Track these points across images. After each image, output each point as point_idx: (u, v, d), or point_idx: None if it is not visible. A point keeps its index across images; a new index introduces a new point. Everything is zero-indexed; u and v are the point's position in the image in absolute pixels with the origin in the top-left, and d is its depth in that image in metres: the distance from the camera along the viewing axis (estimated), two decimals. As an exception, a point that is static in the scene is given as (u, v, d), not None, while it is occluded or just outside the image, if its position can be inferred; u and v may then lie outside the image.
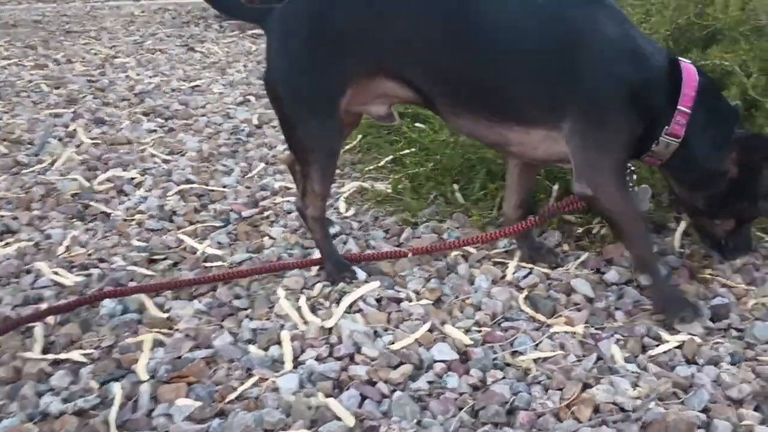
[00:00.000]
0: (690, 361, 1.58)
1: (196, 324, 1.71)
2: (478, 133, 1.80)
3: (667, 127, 1.65)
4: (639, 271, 1.82)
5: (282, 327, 1.69)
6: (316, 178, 1.81)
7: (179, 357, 1.59)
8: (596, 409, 1.42)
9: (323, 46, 1.70)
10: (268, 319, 1.74)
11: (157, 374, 1.52)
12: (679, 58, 1.72)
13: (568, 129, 1.65)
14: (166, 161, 2.81)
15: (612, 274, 1.89)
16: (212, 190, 2.53)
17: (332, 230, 2.11)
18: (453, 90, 1.73)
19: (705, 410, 1.42)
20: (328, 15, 1.72)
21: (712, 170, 1.69)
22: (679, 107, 1.64)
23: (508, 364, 1.57)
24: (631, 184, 1.78)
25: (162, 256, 2.05)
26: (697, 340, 1.63)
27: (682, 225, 2.09)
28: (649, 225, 2.02)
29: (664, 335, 1.65)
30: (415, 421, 1.39)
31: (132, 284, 1.87)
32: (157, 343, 1.64)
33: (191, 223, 2.28)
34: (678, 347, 1.61)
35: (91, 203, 2.39)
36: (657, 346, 1.62)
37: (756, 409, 1.43)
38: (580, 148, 1.66)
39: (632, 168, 1.80)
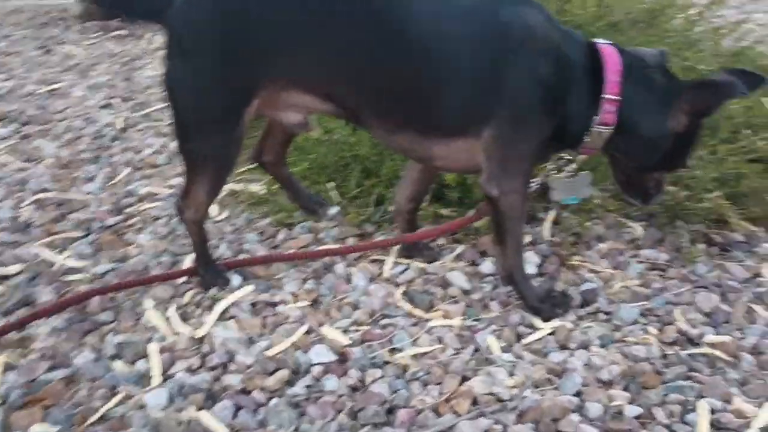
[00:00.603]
0: (562, 347, 1.62)
1: (53, 342, 1.59)
2: (406, 147, 1.70)
3: (596, 117, 1.61)
4: (506, 276, 1.75)
5: (149, 339, 1.60)
6: (205, 186, 1.69)
7: (34, 379, 1.47)
8: (474, 401, 1.43)
9: (230, 50, 1.56)
10: (134, 332, 1.64)
11: (9, 400, 1.40)
12: (597, 42, 1.65)
13: (488, 136, 1.59)
14: (21, 169, 2.61)
15: (487, 266, 1.91)
16: (73, 199, 2.37)
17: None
18: (375, 103, 1.64)
19: (578, 394, 1.46)
20: (237, 17, 1.57)
21: (661, 136, 1.64)
22: (605, 96, 1.59)
23: (386, 362, 1.55)
24: (571, 172, 1.75)
25: (15, 271, 1.89)
26: (569, 325, 1.67)
27: (551, 215, 2.15)
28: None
29: (537, 323, 1.68)
30: (293, 428, 1.35)
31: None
32: (8, 366, 1.50)
33: (49, 234, 2.13)
34: (551, 334, 1.65)
35: (-66, 218, 2.19)
36: (531, 334, 1.65)
37: (625, 389, 1.48)
38: (496, 153, 1.60)
39: (569, 156, 1.77)
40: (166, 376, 1.49)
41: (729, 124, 2.32)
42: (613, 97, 1.59)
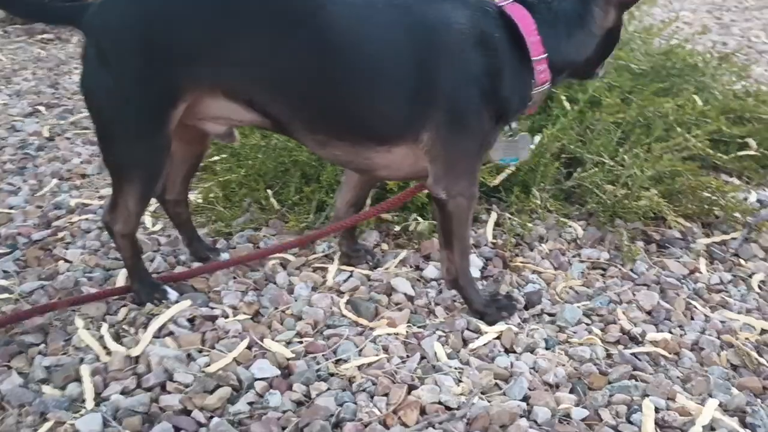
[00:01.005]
0: (508, 350, 1.61)
1: (-24, 368, 1.50)
2: (345, 159, 1.65)
3: (533, 81, 1.58)
4: (451, 280, 1.73)
5: (81, 361, 1.52)
6: (132, 196, 1.62)
7: (-44, 409, 1.38)
8: (423, 411, 1.40)
9: (148, 55, 1.50)
10: (65, 353, 1.56)
11: (-72, 433, 1.31)
12: (503, 4, 1.58)
13: (427, 139, 1.55)
14: (-62, 183, 2.47)
15: (430, 270, 1.90)
16: (-4, 213, 2.26)
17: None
18: (301, 114, 1.59)
19: (525, 398, 1.45)
20: (155, 21, 1.50)
21: (596, 46, 1.62)
22: (532, 59, 1.56)
23: (332, 374, 1.51)
24: (510, 133, 1.70)
25: (-67, 293, 1.78)
26: (514, 328, 1.66)
27: (493, 217, 2.15)
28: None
29: (483, 327, 1.67)
30: (235, 448, 1.29)
31: None
32: (-72, 396, 1.41)
33: (-30, 252, 2.01)
34: (497, 338, 1.63)
35: None
36: (477, 338, 1.63)
37: (571, 391, 1.48)
38: (439, 155, 1.57)
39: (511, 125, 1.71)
40: (100, 400, 1.41)
41: (662, 122, 2.37)
42: (540, 57, 1.57)
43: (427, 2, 1.56)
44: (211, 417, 1.37)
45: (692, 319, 1.74)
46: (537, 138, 2.21)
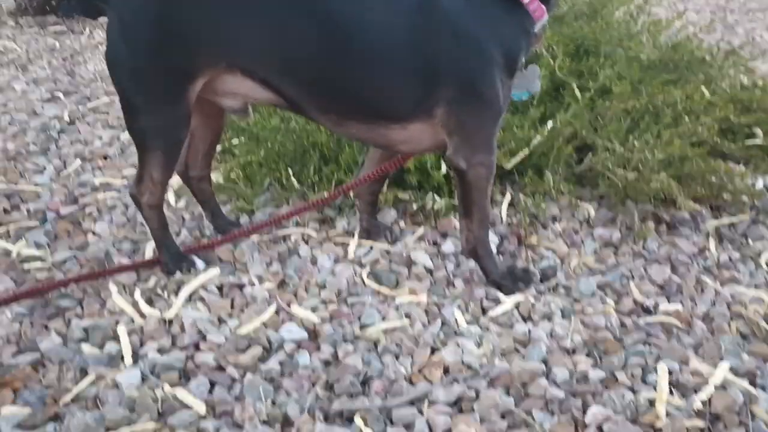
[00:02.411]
0: (526, 319, 1.67)
1: (17, 328, 1.55)
2: (361, 136, 1.72)
3: (530, 20, 1.62)
4: (470, 250, 1.78)
5: (117, 323, 1.58)
6: (156, 165, 1.70)
7: (0, 364, 1.44)
8: (446, 370, 1.46)
9: (168, 31, 1.58)
10: (100, 316, 1.62)
11: (-24, 384, 1.37)
12: None
13: (441, 114, 1.61)
14: (-35, 162, 2.53)
15: (448, 246, 1.96)
16: (23, 190, 2.31)
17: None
18: (318, 94, 1.65)
19: (544, 361, 1.51)
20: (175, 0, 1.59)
21: None
22: (523, 2, 1.60)
23: (357, 338, 1.57)
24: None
25: (-31, 261, 1.85)
26: (531, 299, 1.72)
27: (507, 197, 2.21)
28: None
29: (501, 297, 1.73)
30: (269, 400, 1.35)
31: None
32: (-27, 352, 1.47)
33: (1, 225, 2.07)
34: (515, 307, 1.69)
35: None
36: (495, 307, 1.69)
37: (587, 356, 1.54)
38: (457, 129, 1.62)
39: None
40: (137, 357, 1.47)
41: (671, 111, 2.44)
42: None
43: None
44: (245, 373, 1.43)
45: (703, 292, 1.80)
46: (549, 123, 2.28)
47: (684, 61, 2.90)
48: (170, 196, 2.24)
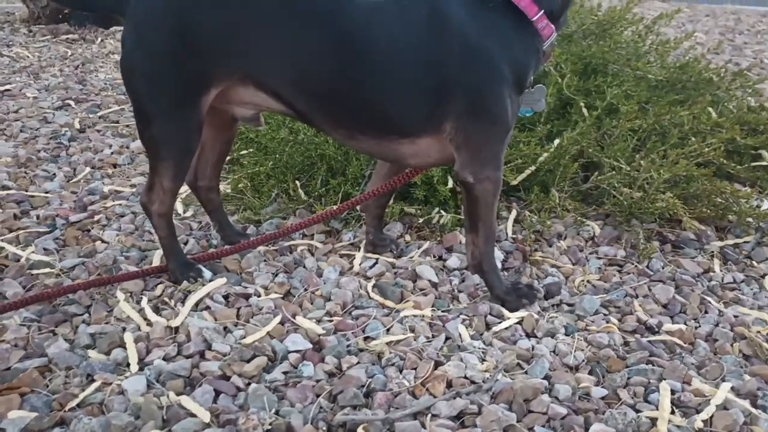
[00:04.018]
0: (529, 335, 1.68)
1: (25, 333, 1.57)
2: (372, 150, 1.74)
3: (539, 38, 1.65)
4: (476, 264, 1.80)
5: (124, 330, 1.59)
6: (167, 174, 1.72)
7: (8, 368, 1.45)
8: (449, 384, 1.47)
9: (183, 41, 1.60)
10: (107, 323, 1.63)
11: (-17, 387, 1.38)
12: None
13: (450, 129, 1.63)
14: (-24, 168, 2.56)
15: (453, 261, 1.97)
16: (33, 196, 2.34)
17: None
18: (330, 108, 1.68)
19: (547, 377, 1.51)
20: (192, 10, 1.61)
21: None
22: (532, 21, 1.62)
23: (361, 350, 1.58)
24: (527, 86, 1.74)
25: (-21, 265, 1.86)
26: (535, 315, 1.73)
27: (513, 213, 2.22)
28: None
29: (505, 313, 1.74)
30: (273, 410, 1.36)
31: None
32: (-19, 356, 1.49)
33: (11, 231, 2.09)
34: (518, 323, 1.70)
35: None
36: (499, 323, 1.70)
37: (590, 373, 1.55)
38: (465, 144, 1.64)
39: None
40: (143, 364, 1.48)
41: (677, 131, 2.45)
42: (538, 15, 1.63)
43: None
44: (249, 383, 1.44)
45: (706, 312, 1.81)
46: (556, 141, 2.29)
47: (691, 82, 2.92)
48: (178, 206, 2.27)
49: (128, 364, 1.48)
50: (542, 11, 1.63)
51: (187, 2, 1.62)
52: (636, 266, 2.01)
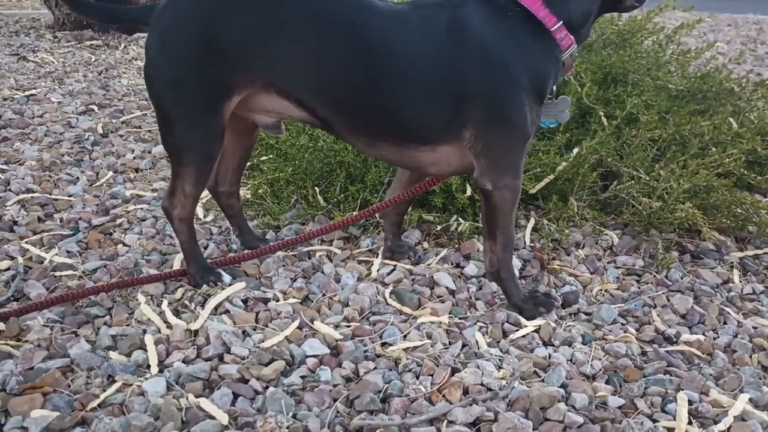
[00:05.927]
0: (546, 343, 1.68)
1: (48, 334, 1.60)
2: (392, 157, 1.76)
3: (558, 48, 1.66)
4: (493, 272, 1.79)
5: (144, 332, 1.61)
6: (189, 179, 1.74)
7: (31, 368, 1.48)
8: (465, 391, 1.47)
9: (206, 48, 1.62)
10: (128, 325, 1.65)
11: (7, 386, 1.40)
12: None
13: (470, 137, 1.64)
14: (2, 170, 2.60)
15: (471, 268, 1.97)
16: (57, 199, 2.38)
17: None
18: (351, 116, 1.69)
19: (563, 386, 1.51)
20: (215, 19, 1.63)
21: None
22: (551, 31, 1.64)
23: (378, 355, 1.59)
24: (550, 96, 1.74)
25: (4, 267, 1.89)
26: (552, 324, 1.73)
27: (531, 222, 2.22)
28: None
29: (522, 321, 1.74)
30: (290, 414, 1.37)
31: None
32: (5, 355, 1.51)
33: (35, 233, 2.13)
34: (535, 331, 1.70)
35: None
36: (516, 330, 1.70)
37: (607, 382, 1.54)
38: (484, 151, 1.65)
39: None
40: (163, 366, 1.50)
41: (698, 141, 2.44)
42: (556, 26, 1.64)
43: (452, 7, 1.64)
44: (267, 387, 1.46)
45: (725, 323, 1.80)
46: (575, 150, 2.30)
47: (712, 92, 2.91)
48: (199, 210, 2.29)
49: (148, 366, 1.50)
50: (561, 22, 1.64)
51: (213, 10, 1.65)
52: (654, 276, 2.01)
